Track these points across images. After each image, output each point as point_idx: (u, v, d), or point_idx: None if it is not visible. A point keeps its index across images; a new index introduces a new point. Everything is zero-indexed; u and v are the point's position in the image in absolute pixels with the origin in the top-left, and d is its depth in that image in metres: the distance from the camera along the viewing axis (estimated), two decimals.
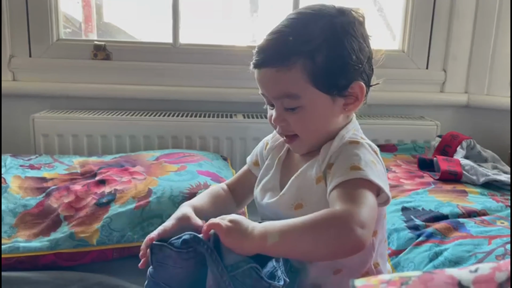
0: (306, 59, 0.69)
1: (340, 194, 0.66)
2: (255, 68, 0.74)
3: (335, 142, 0.73)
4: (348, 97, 0.73)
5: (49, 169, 1.28)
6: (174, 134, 1.58)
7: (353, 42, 0.71)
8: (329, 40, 0.70)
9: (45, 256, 1.00)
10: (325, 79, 0.71)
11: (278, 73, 0.70)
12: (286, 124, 0.75)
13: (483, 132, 1.71)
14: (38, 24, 1.63)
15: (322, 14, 0.72)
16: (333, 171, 0.69)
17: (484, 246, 0.95)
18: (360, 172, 0.67)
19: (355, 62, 0.72)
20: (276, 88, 0.72)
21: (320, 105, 0.73)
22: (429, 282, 0.35)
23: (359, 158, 0.69)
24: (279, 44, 0.71)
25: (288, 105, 0.72)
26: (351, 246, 0.62)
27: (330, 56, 0.70)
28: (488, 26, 1.71)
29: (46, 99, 1.65)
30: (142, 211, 1.08)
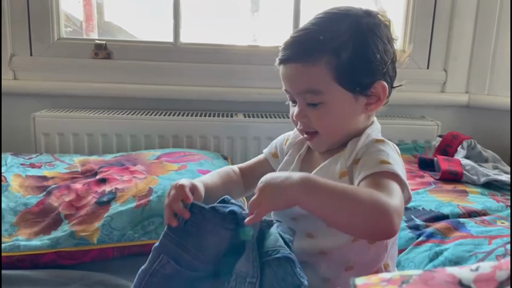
0: (331, 55, 0.70)
1: (372, 183, 0.66)
2: (281, 64, 0.75)
3: (361, 139, 0.74)
4: (371, 97, 0.74)
5: (49, 168, 1.28)
6: (175, 133, 1.58)
7: (378, 42, 0.73)
8: (355, 38, 0.71)
9: (45, 254, 1.00)
10: (348, 76, 0.71)
11: (302, 68, 0.71)
12: (307, 121, 0.75)
13: (484, 132, 1.71)
14: (39, 23, 1.63)
15: (349, 14, 0.74)
16: (361, 164, 0.70)
17: (484, 246, 0.95)
18: (390, 166, 0.68)
19: (379, 62, 0.73)
20: (299, 83, 0.73)
21: (342, 103, 0.73)
22: (430, 281, 0.36)
23: (387, 154, 0.70)
24: (305, 40, 0.72)
25: (310, 100, 0.73)
26: (384, 232, 0.62)
27: (355, 54, 0.71)
28: (489, 26, 1.71)
29: (46, 98, 1.65)
30: (142, 210, 1.08)
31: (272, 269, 0.62)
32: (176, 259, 0.66)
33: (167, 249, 0.67)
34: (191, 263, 0.66)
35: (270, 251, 0.64)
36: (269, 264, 0.63)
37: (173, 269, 0.66)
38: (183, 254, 0.66)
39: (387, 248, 0.77)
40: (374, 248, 0.75)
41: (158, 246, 0.68)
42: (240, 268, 0.63)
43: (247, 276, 0.62)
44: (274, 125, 1.57)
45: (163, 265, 0.66)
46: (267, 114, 1.67)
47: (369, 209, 0.61)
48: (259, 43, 1.80)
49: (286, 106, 0.81)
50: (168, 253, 0.67)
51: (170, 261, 0.66)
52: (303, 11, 1.70)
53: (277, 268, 0.62)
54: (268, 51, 1.74)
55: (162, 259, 0.66)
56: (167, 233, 0.67)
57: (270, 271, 0.62)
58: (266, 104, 1.71)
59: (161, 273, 0.66)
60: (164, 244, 0.67)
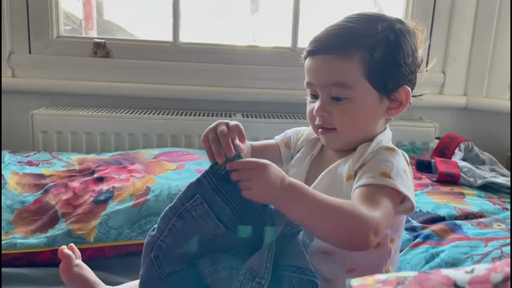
0: (365, 51, 0.71)
1: (364, 194, 0.66)
2: (310, 56, 0.75)
3: (372, 144, 0.74)
4: (393, 101, 0.75)
5: (47, 166, 1.28)
6: (173, 132, 1.58)
7: (408, 48, 0.74)
8: (389, 39, 0.72)
9: (42, 253, 1.00)
10: (379, 75, 0.72)
11: (335, 60, 0.71)
12: (329, 116, 0.74)
13: (481, 135, 1.72)
14: (38, 21, 1.63)
15: (383, 17, 0.75)
16: (363, 171, 0.70)
17: (480, 248, 0.95)
18: (389, 180, 0.67)
19: (407, 67, 0.74)
20: (329, 75, 0.72)
21: (368, 101, 0.73)
22: (425, 282, 0.36)
23: (392, 165, 0.70)
24: (340, 34, 0.72)
25: (337, 94, 0.72)
26: (356, 246, 0.64)
27: (388, 54, 0.72)
28: (488, 28, 1.71)
29: (45, 96, 1.65)
30: (140, 209, 1.08)
31: (293, 285, 0.63)
32: (209, 202, 0.63)
33: (203, 189, 0.63)
34: (223, 211, 0.63)
35: (295, 267, 0.63)
36: (290, 278, 0.63)
37: (204, 213, 0.62)
38: (217, 199, 0.63)
39: (390, 253, 0.77)
40: (378, 252, 0.75)
41: (195, 183, 0.63)
42: (251, 264, 0.62)
43: (256, 276, 0.61)
44: (273, 125, 1.57)
45: (196, 206, 0.62)
46: (266, 114, 1.67)
47: (346, 224, 0.62)
48: (258, 44, 1.80)
49: (284, 106, 0.81)
50: (203, 194, 0.62)
51: (204, 203, 0.62)
52: (303, 11, 1.70)
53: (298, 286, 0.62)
54: (268, 51, 1.74)
55: (196, 199, 0.63)
56: (208, 173, 0.63)
57: (289, 285, 0.62)
58: (265, 104, 1.71)
59: (190, 214, 0.63)
60: (202, 184, 0.63)
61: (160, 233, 0.64)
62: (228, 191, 0.63)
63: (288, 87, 1.67)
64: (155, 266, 0.65)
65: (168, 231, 0.64)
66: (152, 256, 0.64)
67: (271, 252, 0.62)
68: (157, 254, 0.64)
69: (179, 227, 0.63)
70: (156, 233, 0.65)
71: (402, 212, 0.73)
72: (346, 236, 0.63)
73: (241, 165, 0.62)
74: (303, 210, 0.62)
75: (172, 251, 0.64)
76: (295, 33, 1.71)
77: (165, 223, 0.64)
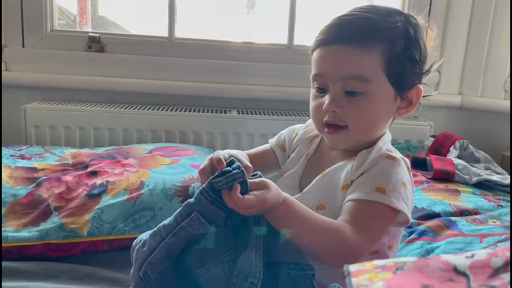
0: (386, 44, 0.67)
1: (354, 211, 0.66)
2: (323, 45, 0.69)
3: (372, 152, 0.70)
4: (404, 101, 0.73)
5: (40, 160, 1.27)
6: (168, 128, 1.57)
7: (422, 44, 0.72)
8: (408, 33, 0.70)
9: (34, 246, 0.99)
10: (397, 70, 0.69)
11: (355, 51, 0.67)
12: (342, 112, 0.69)
13: (476, 134, 1.72)
14: (32, 14, 1.61)
15: (399, 11, 0.73)
16: (358, 182, 0.68)
17: (475, 245, 0.95)
18: (383, 196, 0.65)
19: (421, 65, 0.72)
20: (347, 67, 0.68)
21: (384, 98, 0.70)
22: (424, 268, 0.35)
23: (389, 179, 0.67)
24: (361, 23, 0.68)
25: (352, 88, 0.68)
26: (333, 266, 0.65)
27: (407, 48, 0.69)
28: (483, 28, 1.72)
29: (38, 90, 1.63)
30: (134, 203, 1.07)
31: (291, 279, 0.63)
32: (205, 214, 0.62)
33: (201, 206, 0.62)
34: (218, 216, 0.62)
35: (292, 264, 0.63)
36: (288, 274, 0.63)
37: (200, 225, 0.62)
38: (212, 208, 0.61)
39: (388, 258, 0.75)
40: (374, 258, 0.74)
41: (192, 203, 0.62)
42: (242, 265, 0.62)
43: (249, 275, 0.61)
44: (268, 122, 1.57)
45: (192, 223, 0.61)
46: (261, 111, 1.66)
47: (330, 243, 0.63)
48: (254, 40, 1.80)
49: (280, 103, 0.80)
50: (199, 210, 0.62)
51: (200, 218, 0.61)
52: (299, 8, 1.70)
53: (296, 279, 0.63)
54: (263, 48, 1.74)
55: (192, 217, 0.61)
56: (204, 189, 0.62)
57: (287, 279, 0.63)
58: (260, 101, 1.70)
59: (185, 231, 0.62)
60: (200, 201, 0.62)
61: (150, 251, 0.64)
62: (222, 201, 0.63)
63: (284, 84, 1.67)
64: (143, 281, 0.65)
65: (160, 248, 0.63)
66: (141, 274, 0.64)
67: (259, 251, 0.61)
68: (146, 270, 0.64)
69: (171, 243, 0.63)
70: (146, 250, 0.64)
71: (397, 225, 0.72)
72: (328, 257, 0.65)
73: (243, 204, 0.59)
74: (292, 227, 0.62)
75: (161, 264, 0.64)
76: (291, 30, 1.71)
77: (156, 241, 0.63)
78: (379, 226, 0.66)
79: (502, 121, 1.71)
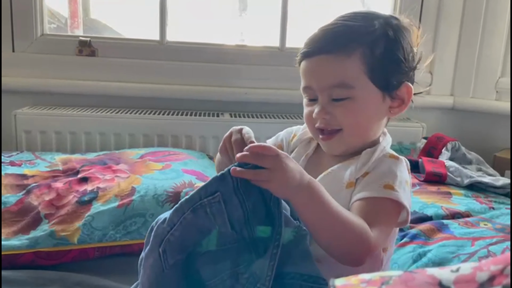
0: (365, 48, 0.69)
1: (366, 209, 0.66)
2: (306, 57, 0.71)
3: (376, 152, 0.72)
4: (395, 100, 0.73)
5: (30, 166, 1.26)
6: (160, 132, 1.56)
7: (406, 44, 0.72)
8: (388, 35, 0.71)
9: (24, 255, 0.98)
10: (380, 72, 0.70)
11: (335, 60, 0.69)
12: (331, 117, 0.71)
13: (468, 135, 1.73)
14: (22, 18, 1.60)
15: (378, 14, 0.74)
16: (366, 181, 0.69)
17: (467, 248, 0.95)
18: (393, 192, 0.66)
19: (407, 63, 0.72)
20: (330, 76, 0.69)
21: (370, 99, 0.71)
22: (410, 282, 0.35)
23: (395, 176, 0.68)
24: (339, 32, 0.70)
25: (337, 95, 0.69)
26: (353, 262, 0.64)
27: (388, 50, 0.70)
28: (474, 29, 1.73)
29: (29, 95, 1.62)
30: (125, 210, 1.06)
31: None
32: (226, 201, 0.60)
33: (225, 187, 0.60)
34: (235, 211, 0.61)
35: (306, 276, 0.62)
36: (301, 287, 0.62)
37: (218, 211, 0.60)
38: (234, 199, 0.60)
39: (382, 263, 0.75)
40: (369, 262, 0.72)
41: (218, 179, 0.60)
42: (255, 269, 0.61)
43: (258, 281, 0.60)
44: (261, 125, 1.56)
45: (212, 203, 0.60)
46: (254, 114, 1.66)
47: (349, 239, 0.62)
48: (246, 43, 1.79)
49: (273, 106, 0.80)
50: (223, 192, 0.60)
51: (221, 201, 0.60)
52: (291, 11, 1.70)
53: None
54: (256, 51, 1.73)
55: (216, 196, 0.60)
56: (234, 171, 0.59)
57: None
58: (252, 104, 1.70)
59: (203, 210, 0.60)
60: (226, 180, 0.60)
61: (171, 226, 0.62)
62: (245, 193, 0.62)
63: (277, 87, 1.67)
64: (161, 259, 0.63)
65: (179, 224, 0.62)
66: (161, 250, 0.62)
67: (273, 261, 0.60)
68: (165, 248, 0.62)
69: (189, 220, 0.61)
70: (166, 226, 0.62)
71: (397, 224, 0.73)
72: (344, 252, 0.63)
73: (263, 149, 0.59)
74: (316, 214, 0.61)
75: (178, 244, 0.63)
76: (283, 33, 1.71)
77: (177, 216, 0.62)
78: (389, 223, 0.67)
79: (494, 122, 1.72)
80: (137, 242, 1.04)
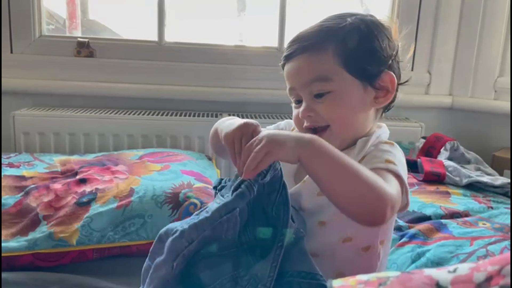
0: (338, 43, 0.71)
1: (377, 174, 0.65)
2: (286, 61, 0.75)
3: (371, 139, 0.74)
4: (380, 90, 0.74)
5: (28, 168, 1.25)
6: (158, 133, 1.56)
7: (381, 35, 0.74)
8: (360, 29, 0.73)
9: (22, 256, 0.98)
10: (356, 62, 0.71)
11: (311, 57, 0.71)
12: (315, 115, 0.73)
13: (467, 134, 1.73)
14: (20, 19, 1.60)
15: (354, 13, 0.76)
16: (366, 160, 0.70)
17: (466, 247, 0.95)
18: (395, 166, 0.67)
19: (384, 52, 0.73)
20: (307, 72, 0.72)
21: (351, 91, 0.72)
22: (408, 283, 0.35)
23: (394, 155, 0.70)
24: (312, 31, 0.73)
25: (317, 90, 0.72)
26: (374, 217, 0.62)
27: (361, 42, 0.72)
28: (473, 29, 1.73)
29: (27, 96, 1.62)
30: (123, 211, 1.06)
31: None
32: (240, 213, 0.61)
33: (243, 203, 0.61)
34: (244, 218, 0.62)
35: (304, 273, 0.63)
36: (300, 284, 0.62)
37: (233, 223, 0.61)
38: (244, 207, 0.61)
39: (379, 256, 0.75)
40: (367, 255, 0.74)
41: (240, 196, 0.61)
42: (257, 271, 0.61)
43: (259, 282, 0.60)
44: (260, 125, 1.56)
45: (230, 218, 0.61)
46: (253, 114, 1.66)
47: (368, 189, 0.60)
48: (245, 43, 1.79)
49: (271, 106, 0.81)
50: (241, 207, 0.61)
51: (238, 216, 0.61)
52: (289, 11, 1.70)
53: None
54: (254, 51, 1.73)
55: (234, 212, 0.61)
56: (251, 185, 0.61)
57: None
58: (251, 104, 1.70)
59: (221, 225, 0.61)
60: (244, 196, 0.61)
61: (189, 242, 0.62)
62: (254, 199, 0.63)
63: (275, 87, 1.66)
64: (173, 271, 0.62)
65: (198, 242, 0.62)
66: (175, 264, 0.62)
67: (276, 262, 0.61)
68: (179, 262, 0.62)
69: (206, 236, 0.62)
70: (185, 241, 0.62)
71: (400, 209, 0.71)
72: (364, 205, 0.61)
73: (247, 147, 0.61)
74: (328, 165, 0.60)
75: (188, 256, 0.63)
76: (281, 33, 1.71)
77: (197, 233, 0.62)
78: (398, 188, 0.65)
79: (493, 121, 1.72)
80: (136, 243, 1.04)
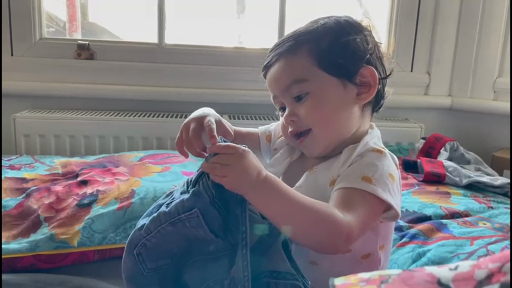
0: (311, 44, 0.71)
1: (341, 197, 0.64)
2: (266, 70, 0.76)
3: (359, 147, 0.71)
4: (362, 86, 0.72)
5: (29, 170, 1.26)
6: (159, 135, 1.56)
7: (356, 32, 0.73)
8: (334, 29, 0.73)
9: (24, 258, 0.98)
10: (330, 60, 0.70)
11: (286, 62, 0.72)
12: (298, 119, 0.73)
13: (466, 135, 1.74)
14: (21, 22, 1.60)
15: (329, 16, 0.76)
16: (345, 173, 0.68)
17: (466, 247, 0.95)
18: (369, 185, 0.65)
19: (360, 47, 0.72)
20: (284, 77, 0.72)
21: (330, 89, 0.71)
22: (409, 280, 0.35)
23: (375, 169, 0.67)
24: (286, 39, 0.74)
25: (296, 92, 0.71)
26: (326, 250, 0.64)
27: (334, 40, 0.72)
28: (472, 29, 1.73)
29: (28, 99, 1.62)
30: (124, 212, 1.06)
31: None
32: (204, 214, 0.61)
33: (202, 203, 0.61)
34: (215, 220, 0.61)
35: (276, 273, 0.63)
36: (276, 285, 0.62)
37: (197, 224, 0.61)
38: (211, 210, 0.61)
39: (380, 262, 0.75)
40: (367, 263, 0.73)
41: (195, 198, 0.61)
42: (233, 274, 0.61)
43: (239, 283, 0.60)
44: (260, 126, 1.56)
45: (191, 218, 0.61)
46: (253, 116, 1.66)
47: (317, 225, 0.60)
48: (244, 45, 1.80)
49: (271, 108, 0.81)
50: (200, 207, 0.61)
51: (199, 216, 0.61)
52: (289, 13, 1.70)
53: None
54: (254, 53, 1.74)
55: (193, 212, 0.61)
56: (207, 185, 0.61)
57: None
58: (251, 106, 1.70)
59: (183, 223, 0.62)
60: (202, 197, 0.61)
61: (147, 233, 0.64)
62: (221, 201, 0.62)
63: None
64: (137, 262, 0.65)
65: (156, 232, 0.63)
66: (135, 253, 0.64)
67: (246, 260, 0.60)
68: (140, 251, 0.64)
69: (168, 231, 0.63)
70: (143, 232, 0.64)
71: (386, 219, 0.71)
72: (317, 239, 0.61)
73: (220, 149, 0.61)
74: (276, 207, 0.60)
75: (156, 249, 0.64)
76: (281, 35, 1.71)
77: (155, 225, 0.64)
78: (366, 214, 0.64)
79: (492, 121, 1.73)
80: None
